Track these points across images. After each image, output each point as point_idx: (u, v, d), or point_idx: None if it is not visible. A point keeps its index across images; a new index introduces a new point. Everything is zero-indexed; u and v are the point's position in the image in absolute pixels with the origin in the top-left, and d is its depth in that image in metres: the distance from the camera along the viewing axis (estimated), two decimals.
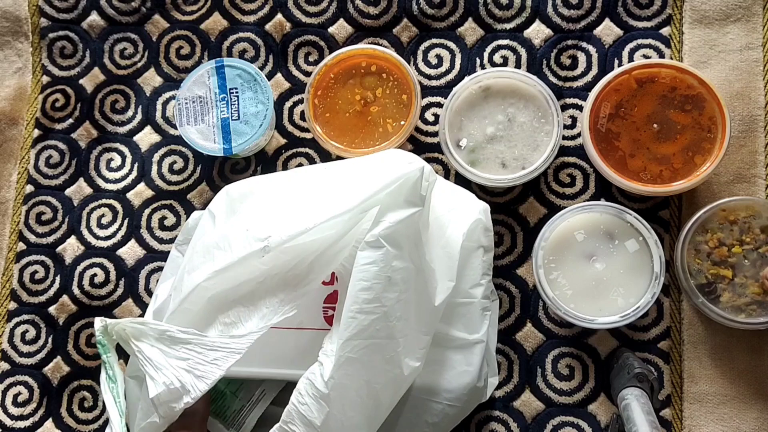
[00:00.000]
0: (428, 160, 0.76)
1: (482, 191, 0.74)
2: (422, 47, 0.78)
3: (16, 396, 0.77)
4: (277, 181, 0.66)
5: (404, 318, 0.57)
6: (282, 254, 0.56)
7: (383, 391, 0.57)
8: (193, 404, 0.56)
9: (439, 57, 0.78)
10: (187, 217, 0.77)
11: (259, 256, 0.56)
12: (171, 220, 0.79)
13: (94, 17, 0.83)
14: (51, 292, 0.79)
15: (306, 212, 0.56)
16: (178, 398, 0.56)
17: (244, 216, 0.62)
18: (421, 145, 0.77)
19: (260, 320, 0.56)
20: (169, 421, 0.57)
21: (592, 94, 0.70)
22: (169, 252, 0.76)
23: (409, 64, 0.76)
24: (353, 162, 0.65)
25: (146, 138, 0.81)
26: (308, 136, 0.78)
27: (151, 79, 0.82)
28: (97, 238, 0.79)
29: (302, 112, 0.79)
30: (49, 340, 0.78)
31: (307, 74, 0.79)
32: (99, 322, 0.62)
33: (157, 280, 0.77)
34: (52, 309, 0.78)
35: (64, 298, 0.78)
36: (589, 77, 0.75)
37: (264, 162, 0.78)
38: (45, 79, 0.83)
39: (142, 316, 0.76)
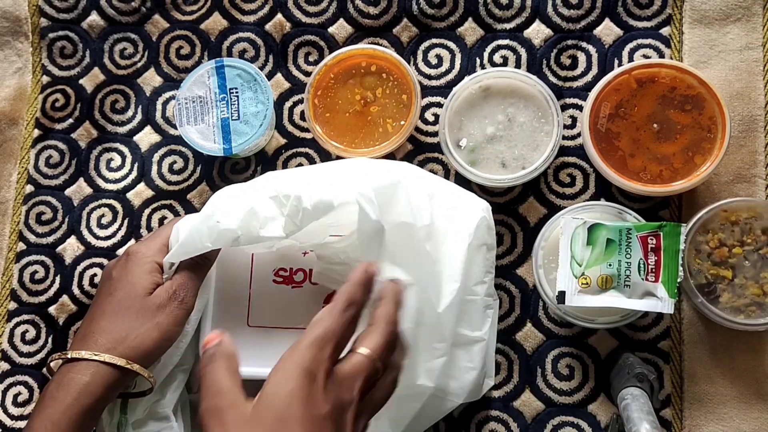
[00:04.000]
0: (428, 160, 0.76)
1: (482, 191, 0.74)
2: (422, 47, 0.78)
3: (16, 396, 0.77)
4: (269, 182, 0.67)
5: None
6: None
7: (396, 404, 0.57)
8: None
9: (439, 57, 0.78)
10: None
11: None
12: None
13: (94, 17, 0.83)
14: (51, 292, 0.78)
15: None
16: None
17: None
18: (421, 145, 0.77)
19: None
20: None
21: (592, 94, 0.70)
22: None
23: (409, 64, 0.76)
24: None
25: (146, 138, 0.81)
26: (308, 136, 0.78)
27: (151, 79, 0.82)
28: (97, 238, 0.79)
29: (302, 112, 0.79)
30: (49, 340, 0.78)
31: (307, 74, 0.79)
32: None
33: None
34: (52, 309, 0.78)
35: (64, 298, 0.78)
36: (589, 77, 0.75)
37: (264, 162, 0.78)
38: (45, 79, 0.83)
39: None
